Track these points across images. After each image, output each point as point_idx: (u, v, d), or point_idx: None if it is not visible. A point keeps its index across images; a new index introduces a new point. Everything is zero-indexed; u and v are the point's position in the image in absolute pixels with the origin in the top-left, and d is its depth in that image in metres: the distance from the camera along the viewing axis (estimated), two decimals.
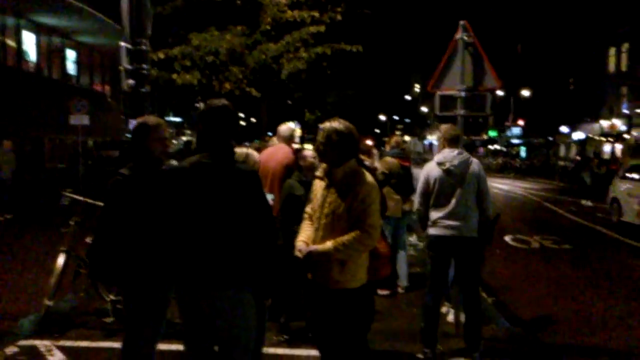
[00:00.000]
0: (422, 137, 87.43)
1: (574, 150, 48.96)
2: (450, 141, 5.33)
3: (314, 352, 4.80)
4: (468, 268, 5.26)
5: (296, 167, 5.31)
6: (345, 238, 3.56)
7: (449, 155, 5.22)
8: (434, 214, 5.23)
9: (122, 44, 6.74)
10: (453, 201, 5.14)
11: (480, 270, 5.43)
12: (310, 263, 3.67)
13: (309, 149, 6.63)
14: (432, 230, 5.25)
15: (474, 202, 5.19)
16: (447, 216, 5.15)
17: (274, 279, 3.59)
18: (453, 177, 5.16)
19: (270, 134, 11.38)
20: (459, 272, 5.33)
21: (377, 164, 7.76)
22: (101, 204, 5.99)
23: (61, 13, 21.14)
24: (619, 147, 41.63)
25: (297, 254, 3.70)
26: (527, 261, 10.23)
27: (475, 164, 5.28)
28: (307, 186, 5.09)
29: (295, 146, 6.84)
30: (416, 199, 5.38)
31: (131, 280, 3.74)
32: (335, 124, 3.71)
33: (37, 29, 22.53)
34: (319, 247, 3.62)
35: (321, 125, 3.79)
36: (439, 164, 5.23)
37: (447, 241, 5.16)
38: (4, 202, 13.89)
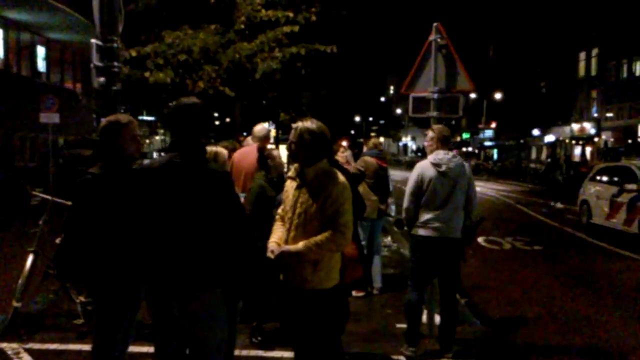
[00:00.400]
0: (397, 139, 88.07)
1: (545, 152, 49.73)
2: (444, 142, 5.35)
3: (287, 354, 4.81)
4: (450, 269, 5.30)
5: (262, 167, 5.27)
6: (318, 238, 3.54)
7: (445, 157, 5.24)
8: (425, 215, 5.21)
9: (93, 40, 6.66)
10: (446, 203, 5.16)
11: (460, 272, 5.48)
12: (282, 264, 3.64)
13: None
14: (421, 231, 5.24)
15: (462, 204, 5.25)
16: (439, 217, 5.16)
17: (246, 280, 3.56)
18: (448, 179, 5.18)
19: (245, 134, 11.31)
20: (441, 273, 5.33)
21: (352, 164, 7.78)
22: (70, 203, 5.94)
23: (31, 8, 20.76)
24: (589, 149, 42.43)
25: (270, 254, 3.67)
26: (499, 262, 10.34)
27: (467, 167, 5.35)
28: (274, 186, 5.12)
29: (270, 146, 6.83)
30: (406, 197, 5.32)
31: (100, 282, 3.67)
32: (308, 123, 3.69)
33: (6, 24, 22.09)
34: (291, 247, 3.59)
35: (294, 125, 3.77)
36: (435, 165, 5.21)
37: (435, 242, 5.18)
38: None
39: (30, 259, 6.09)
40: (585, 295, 8.05)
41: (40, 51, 25.53)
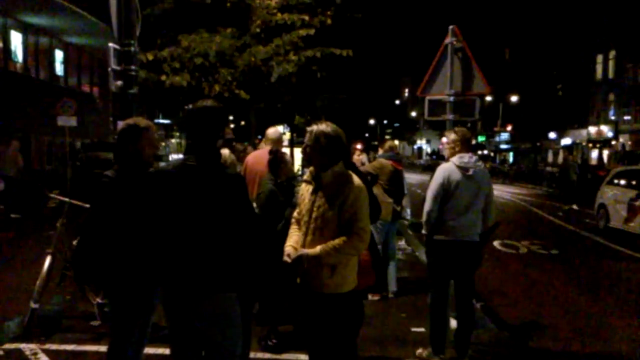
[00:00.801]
0: (412, 142, 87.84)
1: (561, 156, 49.30)
2: (467, 144, 5.29)
3: (302, 357, 4.80)
4: (468, 273, 5.27)
5: (272, 169, 5.27)
6: (336, 242, 3.53)
7: (471, 160, 5.18)
8: (447, 219, 5.13)
9: (111, 44, 6.72)
10: (471, 207, 5.13)
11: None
12: (299, 268, 3.63)
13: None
14: (442, 235, 5.16)
15: (482, 208, 5.22)
16: (462, 221, 5.12)
17: (260, 283, 3.56)
18: (473, 183, 5.14)
19: (260, 137, 11.34)
20: (459, 277, 5.27)
21: (367, 166, 7.78)
22: (88, 206, 5.99)
23: (49, 13, 20.96)
24: (606, 153, 42.02)
25: (286, 258, 3.67)
26: (515, 266, 10.26)
27: (485, 170, 5.33)
28: (282, 189, 5.11)
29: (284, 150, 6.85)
30: (430, 200, 5.19)
31: (116, 284, 3.69)
32: (323, 126, 3.67)
33: (25, 28, 22.34)
34: (309, 251, 3.58)
35: (309, 128, 3.75)
36: (462, 167, 5.15)
37: (456, 246, 5.13)
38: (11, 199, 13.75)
39: (47, 261, 6.11)
40: (603, 300, 7.97)
41: (59, 55, 25.78)
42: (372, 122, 79.66)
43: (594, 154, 44.60)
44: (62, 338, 5.64)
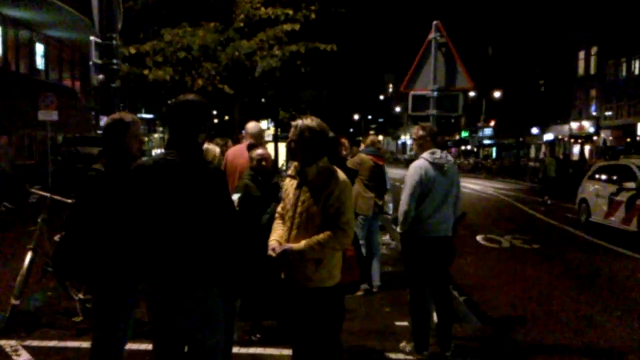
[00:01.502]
0: (396, 137, 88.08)
1: (543, 151, 49.74)
2: (435, 139, 5.30)
3: (286, 352, 4.79)
4: (444, 267, 5.30)
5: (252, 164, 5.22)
6: (320, 237, 3.53)
7: (443, 155, 5.20)
8: (425, 216, 5.12)
9: (92, 38, 6.65)
10: (445, 202, 5.16)
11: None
12: (284, 262, 3.64)
13: None
14: (421, 233, 5.14)
15: (454, 201, 5.28)
16: (438, 217, 5.13)
17: (243, 278, 3.55)
18: (447, 178, 5.17)
19: (244, 132, 11.30)
20: (435, 271, 5.27)
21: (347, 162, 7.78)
22: (69, 201, 5.93)
23: (29, 6, 20.65)
24: (588, 148, 42.47)
25: (271, 252, 3.67)
26: (498, 260, 10.33)
27: (455, 165, 5.37)
28: (261, 185, 5.03)
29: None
30: (407, 198, 5.12)
31: (100, 279, 3.68)
32: (308, 121, 3.67)
33: (4, 21, 22.01)
34: (294, 245, 3.58)
35: (294, 123, 3.74)
36: (436, 164, 5.14)
37: (434, 242, 5.15)
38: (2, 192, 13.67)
39: (28, 257, 6.07)
40: (584, 293, 8.05)
41: (39, 49, 25.42)
42: (356, 117, 79.68)
43: (576, 149, 45.06)
44: (44, 334, 5.60)
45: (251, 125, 6.48)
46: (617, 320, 6.83)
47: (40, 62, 25.61)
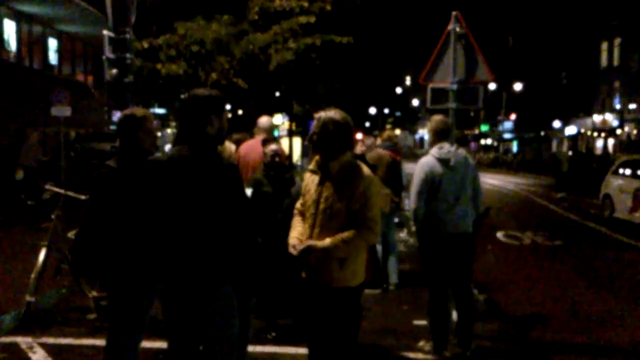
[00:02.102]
0: (413, 131, 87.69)
1: (566, 145, 49.09)
2: (442, 134, 5.17)
3: (302, 350, 4.73)
4: (465, 265, 5.16)
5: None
6: (345, 235, 3.44)
7: (451, 151, 5.08)
8: (439, 213, 5.02)
9: (105, 32, 6.63)
10: (458, 198, 5.02)
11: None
12: (305, 260, 3.55)
13: None
14: (437, 230, 5.05)
15: (470, 197, 5.11)
16: (453, 214, 5.01)
17: (257, 275, 3.56)
18: (456, 174, 5.04)
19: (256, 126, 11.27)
20: (456, 269, 5.15)
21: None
22: (83, 197, 5.89)
23: (42, 1, 20.73)
24: (611, 142, 41.85)
25: (292, 250, 3.58)
26: (519, 257, 10.16)
27: (470, 159, 5.21)
28: (273, 181, 5.07)
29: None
30: (414, 197, 5.07)
31: (115, 276, 3.68)
32: (331, 113, 3.57)
33: (18, 17, 22.10)
34: (318, 243, 3.47)
35: (316, 115, 3.63)
36: (442, 160, 5.04)
37: (451, 239, 5.04)
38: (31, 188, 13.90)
39: (43, 254, 6.07)
40: (606, 291, 7.87)
41: (52, 44, 25.46)
42: (373, 111, 79.37)
43: (599, 143, 44.41)
44: (58, 331, 5.60)
45: (263, 120, 6.49)
46: (638, 319, 6.67)
47: (53, 57, 25.69)
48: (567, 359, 5.51)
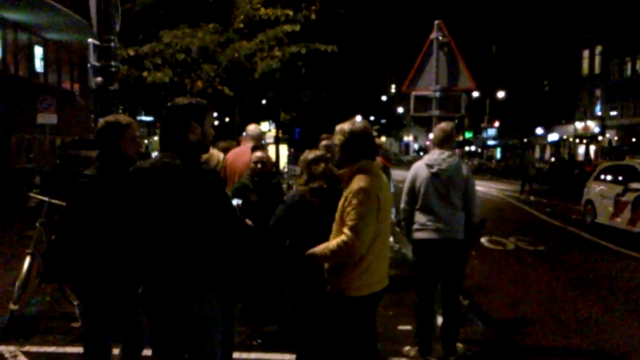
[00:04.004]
0: (399, 138, 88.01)
1: (548, 151, 49.53)
2: (441, 141, 5.24)
3: (287, 357, 4.72)
4: (453, 271, 5.19)
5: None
6: (332, 242, 3.52)
7: (438, 157, 5.13)
8: (421, 218, 5.12)
9: (90, 40, 6.61)
10: (443, 204, 5.06)
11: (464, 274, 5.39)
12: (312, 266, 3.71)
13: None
14: (421, 234, 5.13)
15: (460, 205, 5.12)
16: (437, 219, 5.06)
17: (242, 281, 3.53)
18: (441, 181, 5.07)
19: (245, 134, 11.26)
20: (444, 275, 5.20)
21: None
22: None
23: (28, 8, 20.61)
24: (593, 148, 42.26)
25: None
26: (503, 262, 10.21)
27: (464, 167, 5.23)
28: (258, 187, 5.16)
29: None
30: (402, 198, 5.28)
31: (89, 285, 3.64)
32: (347, 125, 3.69)
33: (3, 24, 21.96)
34: (315, 249, 3.61)
35: (338, 127, 3.73)
36: (428, 165, 5.14)
37: (436, 244, 5.07)
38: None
39: (27, 261, 6.05)
40: (588, 295, 7.94)
41: (38, 51, 25.32)
42: (358, 118, 79.49)
43: (581, 149, 44.86)
44: (42, 339, 5.57)
45: (252, 128, 6.54)
46: (620, 322, 6.76)
47: (39, 65, 25.54)
48: None
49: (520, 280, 8.82)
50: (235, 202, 4.59)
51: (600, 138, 41.83)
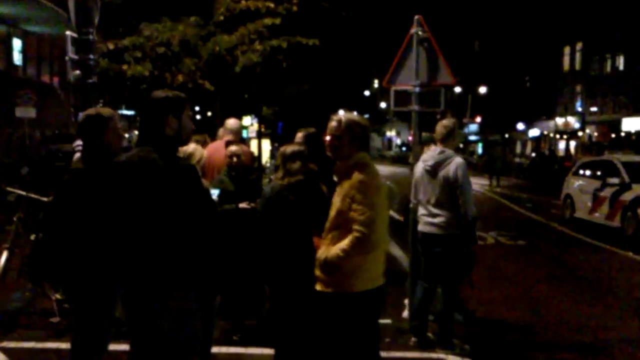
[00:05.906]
0: (382, 133, 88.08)
1: (529, 147, 49.93)
2: (444, 138, 5.43)
3: (267, 351, 4.72)
4: (438, 265, 5.31)
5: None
6: (343, 243, 3.40)
7: (432, 154, 5.39)
8: (420, 211, 5.48)
9: (68, 33, 6.52)
10: (432, 199, 5.31)
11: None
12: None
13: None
14: (418, 227, 5.51)
15: (447, 201, 5.22)
16: (427, 214, 5.34)
17: (220, 276, 3.50)
18: (430, 175, 5.32)
19: (222, 128, 11.20)
20: (430, 267, 5.43)
21: None
22: (45, 199, 5.81)
23: (7, 0, 20.28)
24: (573, 144, 42.68)
25: None
26: (483, 257, 10.17)
27: (453, 164, 5.26)
28: (238, 182, 5.17)
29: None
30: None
31: (78, 282, 3.62)
32: (349, 115, 3.67)
33: None
34: (328, 255, 3.47)
35: (335, 117, 3.62)
36: (423, 161, 5.43)
37: (427, 237, 5.36)
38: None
39: (4, 256, 6.01)
40: (568, 290, 8.02)
41: (17, 44, 24.97)
42: (341, 113, 79.39)
43: (562, 145, 45.29)
44: (21, 335, 5.53)
45: (231, 122, 6.52)
46: (600, 315, 6.83)
47: (17, 58, 25.16)
48: (531, 357, 5.59)
49: (501, 275, 8.88)
50: (213, 192, 4.58)
51: (580, 134, 42.26)
